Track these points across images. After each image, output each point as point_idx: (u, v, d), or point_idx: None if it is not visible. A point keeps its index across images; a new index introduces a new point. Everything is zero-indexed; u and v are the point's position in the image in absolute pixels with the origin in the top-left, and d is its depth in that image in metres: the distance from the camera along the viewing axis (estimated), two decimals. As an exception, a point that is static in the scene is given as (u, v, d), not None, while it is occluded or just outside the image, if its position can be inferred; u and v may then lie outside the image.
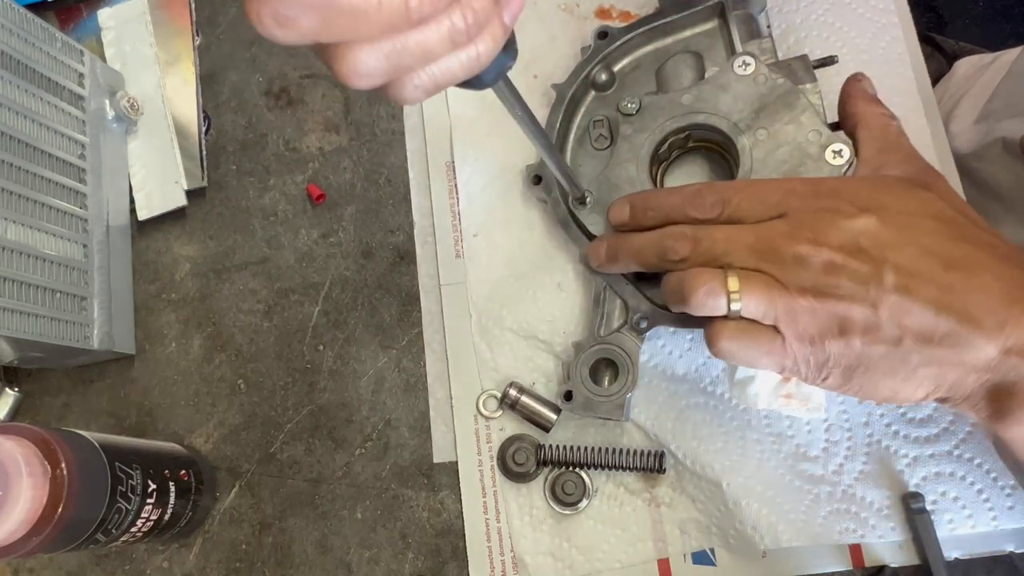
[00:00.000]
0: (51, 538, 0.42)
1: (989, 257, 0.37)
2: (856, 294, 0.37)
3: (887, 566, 0.49)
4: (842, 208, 0.38)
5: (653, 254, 0.43)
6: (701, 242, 0.41)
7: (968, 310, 0.35)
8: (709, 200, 0.42)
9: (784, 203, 0.40)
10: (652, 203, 0.45)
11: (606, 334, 0.50)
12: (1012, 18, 1.39)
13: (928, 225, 0.38)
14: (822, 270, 0.37)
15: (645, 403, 0.52)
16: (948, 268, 0.36)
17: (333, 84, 0.65)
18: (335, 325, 0.60)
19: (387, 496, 0.56)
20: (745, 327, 0.40)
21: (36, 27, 0.57)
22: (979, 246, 0.37)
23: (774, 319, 0.39)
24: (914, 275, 0.36)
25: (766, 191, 0.41)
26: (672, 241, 0.42)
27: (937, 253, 0.37)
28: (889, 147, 0.43)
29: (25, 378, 0.62)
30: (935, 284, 0.36)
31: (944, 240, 0.37)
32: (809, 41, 0.57)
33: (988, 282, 0.36)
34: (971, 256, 0.37)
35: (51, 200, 0.55)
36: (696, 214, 0.42)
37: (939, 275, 0.36)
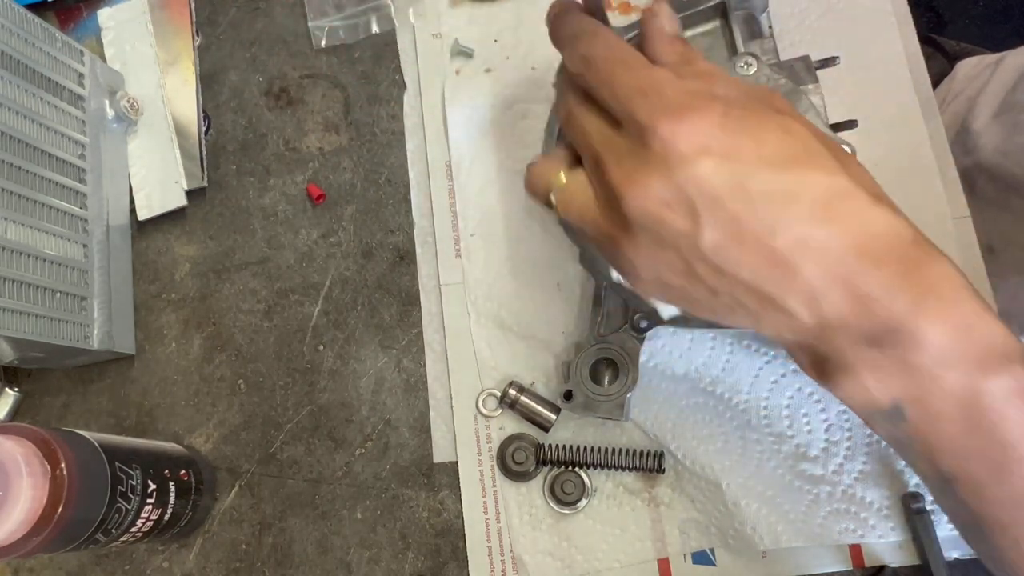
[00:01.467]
0: (51, 538, 0.42)
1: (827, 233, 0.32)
2: (670, 245, 0.34)
3: (887, 566, 0.49)
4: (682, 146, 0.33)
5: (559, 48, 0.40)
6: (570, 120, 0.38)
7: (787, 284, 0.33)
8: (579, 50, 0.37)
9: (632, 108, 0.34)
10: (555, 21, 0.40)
11: (606, 333, 0.50)
12: (1012, 18, 1.39)
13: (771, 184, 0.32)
14: (638, 216, 0.34)
15: (645, 403, 0.53)
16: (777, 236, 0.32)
17: (333, 84, 0.65)
18: (335, 325, 0.60)
19: (387, 496, 0.56)
20: None
21: (36, 27, 0.57)
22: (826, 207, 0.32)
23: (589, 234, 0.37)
24: (736, 242, 0.33)
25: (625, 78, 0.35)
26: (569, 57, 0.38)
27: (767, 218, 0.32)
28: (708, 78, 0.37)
29: (25, 378, 0.62)
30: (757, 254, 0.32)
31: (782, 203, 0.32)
32: (805, 44, 0.57)
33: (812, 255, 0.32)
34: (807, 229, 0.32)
35: (51, 200, 0.55)
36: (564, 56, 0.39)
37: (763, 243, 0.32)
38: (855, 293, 0.32)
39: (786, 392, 0.52)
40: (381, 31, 0.65)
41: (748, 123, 0.33)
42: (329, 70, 0.65)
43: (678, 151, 0.32)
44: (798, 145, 0.33)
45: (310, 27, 0.66)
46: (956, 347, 0.32)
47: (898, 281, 0.32)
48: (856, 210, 0.32)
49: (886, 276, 0.32)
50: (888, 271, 0.32)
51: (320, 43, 0.66)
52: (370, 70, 0.65)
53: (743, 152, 0.32)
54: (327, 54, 0.66)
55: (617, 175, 0.35)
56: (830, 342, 0.34)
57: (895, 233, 0.33)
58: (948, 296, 0.32)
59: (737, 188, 0.32)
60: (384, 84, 0.64)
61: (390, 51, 0.65)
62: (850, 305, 0.32)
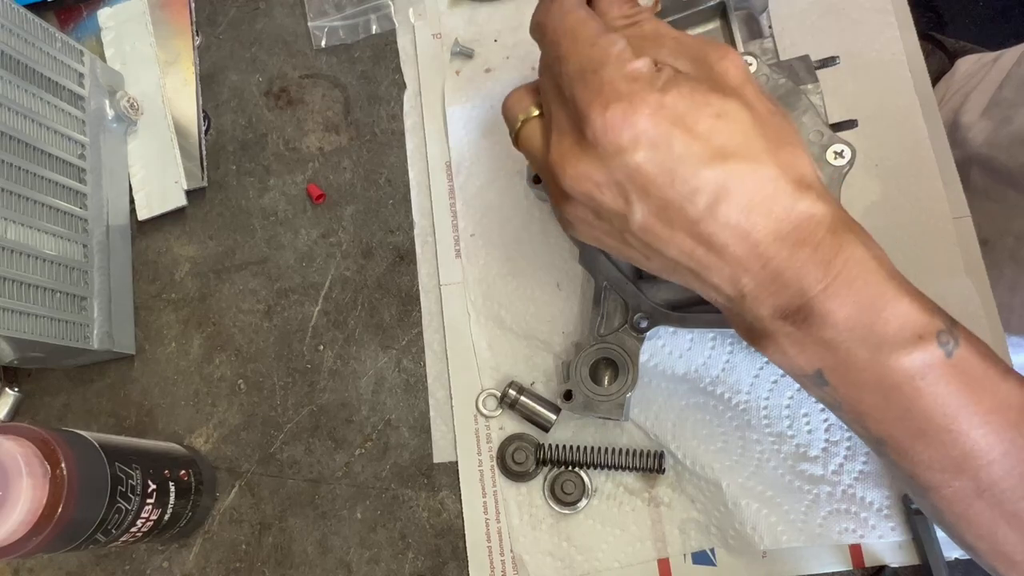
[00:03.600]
0: (51, 538, 0.42)
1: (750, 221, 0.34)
2: (605, 218, 0.36)
3: (887, 566, 0.49)
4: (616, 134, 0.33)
5: None
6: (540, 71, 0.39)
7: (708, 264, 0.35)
8: (536, 17, 0.38)
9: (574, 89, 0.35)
10: None
11: (606, 333, 0.50)
12: (1012, 18, 1.39)
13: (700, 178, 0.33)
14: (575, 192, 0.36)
15: (645, 403, 0.53)
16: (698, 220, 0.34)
17: (333, 84, 0.65)
18: (335, 325, 0.60)
19: (387, 496, 0.56)
20: None
21: (36, 27, 0.57)
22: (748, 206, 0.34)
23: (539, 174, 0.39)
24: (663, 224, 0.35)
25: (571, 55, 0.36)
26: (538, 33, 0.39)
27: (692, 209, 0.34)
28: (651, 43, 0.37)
29: (25, 378, 0.62)
30: (680, 237, 0.35)
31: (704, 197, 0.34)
32: (805, 44, 0.57)
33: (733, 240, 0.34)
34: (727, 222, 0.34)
35: (51, 200, 0.55)
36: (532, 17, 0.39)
37: (687, 228, 0.34)
38: (772, 274, 0.34)
39: (786, 392, 0.52)
40: (381, 31, 0.65)
41: (683, 112, 0.34)
42: (329, 70, 0.65)
43: (610, 140, 0.34)
44: (729, 133, 0.34)
45: (310, 27, 0.66)
46: (863, 325, 0.34)
47: (810, 265, 0.34)
48: (778, 199, 0.34)
49: (799, 259, 0.34)
50: (802, 255, 0.34)
51: (320, 43, 0.66)
52: (370, 70, 0.65)
53: (673, 143, 0.33)
54: (327, 54, 0.66)
55: (556, 151, 0.36)
56: (752, 313, 0.36)
57: (813, 220, 0.34)
58: (856, 277, 0.34)
59: (665, 178, 0.34)
60: (384, 84, 0.64)
61: (390, 51, 0.65)
62: (766, 284, 0.35)
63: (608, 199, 0.35)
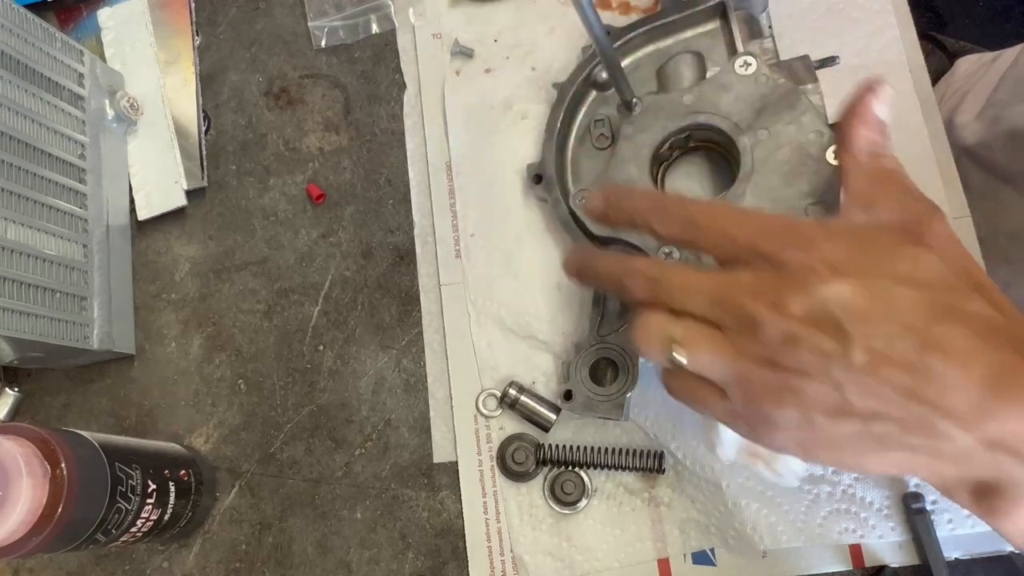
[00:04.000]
0: (51, 538, 0.42)
1: (975, 336, 0.32)
2: (817, 371, 0.33)
3: (887, 566, 0.49)
4: (816, 268, 0.33)
5: (614, 286, 0.40)
6: (659, 284, 0.37)
7: (941, 399, 0.31)
8: (677, 217, 0.38)
9: (754, 246, 0.35)
10: (624, 202, 0.41)
11: (606, 333, 0.50)
12: (1012, 18, 1.39)
13: (911, 296, 0.33)
14: (780, 339, 0.33)
15: (645, 403, 0.52)
16: (925, 349, 0.31)
17: (333, 84, 0.65)
18: (335, 325, 0.60)
19: (387, 496, 0.56)
20: (691, 380, 0.37)
21: (36, 27, 0.57)
22: (966, 322, 0.32)
23: (721, 381, 0.36)
24: (885, 356, 0.32)
25: (738, 227, 0.36)
26: (629, 279, 0.38)
27: (916, 331, 0.32)
28: (881, 179, 0.39)
29: (25, 378, 0.62)
30: (907, 368, 0.31)
31: (926, 316, 0.32)
32: (805, 43, 0.57)
33: (969, 367, 0.31)
34: (954, 336, 0.32)
35: (51, 200, 0.55)
36: (658, 228, 0.39)
37: (913, 357, 0.31)
38: None
39: (786, 392, 0.51)
40: (381, 31, 0.65)
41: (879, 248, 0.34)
42: (329, 70, 0.65)
43: (816, 272, 0.33)
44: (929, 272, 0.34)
45: (310, 27, 0.66)
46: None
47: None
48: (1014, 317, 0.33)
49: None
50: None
51: (320, 43, 0.66)
52: (370, 70, 0.65)
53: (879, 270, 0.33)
54: (327, 54, 0.66)
55: (752, 306, 0.34)
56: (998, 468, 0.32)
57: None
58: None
59: (880, 303, 0.32)
60: (384, 84, 0.64)
61: (390, 51, 0.65)
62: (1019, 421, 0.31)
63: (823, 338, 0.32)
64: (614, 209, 0.41)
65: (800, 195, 0.46)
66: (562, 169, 0.56)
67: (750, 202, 0.47)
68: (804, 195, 0.46)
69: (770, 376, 0.34)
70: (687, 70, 0.52)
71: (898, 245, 0.35)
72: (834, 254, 0.34)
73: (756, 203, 0.47)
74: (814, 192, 0.46)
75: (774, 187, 0.47)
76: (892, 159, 0.40)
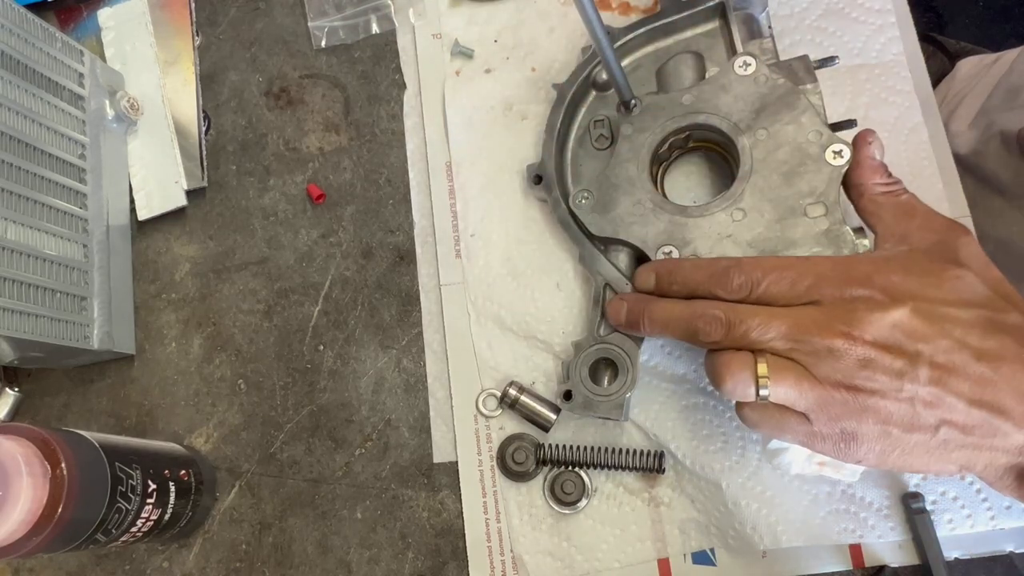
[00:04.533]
0: (51, 538, 0.42)
1: (1017, 345, 0.38)
2: (891, 388, 0.37)
3: (887, 566, 0.49)
4: (875, 297, 0.39)
5: (682, 331, 0.43)
6: (734, 327, 0.40)
7: (998, 401, 0.37)
8: (736, 281, 0.41)
9: (815, 290, 0.40)
10: (678, 276, 0.45)
11: (605, 334, 0.50)
12: (1012, 18, 1.39)
13: (959, 316, 0.38)
14: (856, 364, 0.38)
15: (645, 403, 0.53)
16: (979, 359, 0.37)
17: (333, 84, 0.65)
18: (335, 325, 0.60)
19: (387, 496, 0.56)
20: (774, 410, 0.41)
21: (36, 27, 0.57)
22: (1009, 332, 0.38)
23: (804, 408, 0.39)
24: (947, 369, 0.37)
25: (796, 276, 0.40)
26: (704, 323, 0.41)
27: (968, 344, 0.37)
28: (905, 213, 0.43)
29: (25, 378, 0.62)
30: (968, 377, 0.37)
31: (975, 330, 0.38)
32: (804, 44, 0.57)
33: (1017, 372, 0.37)
34: (1001, 346, 0.37)
35: (51, 200, 0.55)
36: (723, 294, 0.42)
37: (971, 367, 0.37)
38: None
39: (786, 392, 0.52)
40: (381, 31, 0.65)
41: (926, 273, 0.39)
42: (329, 70, 0.65)
43: (876, 303, 0.38)
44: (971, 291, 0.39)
45: (310, 27, 0.66)
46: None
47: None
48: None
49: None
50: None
51: (320, 43, 0.66)
52: (370, 70, 0.65)
53: (929, 295, 0.38)
54: (327, 54, 0.66)
55: (826, 336, 0.38)
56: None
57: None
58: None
59: (935, 324, 0.38)
60: (384, 84, 0.64)
61: (390, 51, 0.65)
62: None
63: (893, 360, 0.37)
64: (666, 283, 0.45)
65: (799, 195, 0.46)
66: (562, 169, 0.56)
67: (749, 202, 0.47)
68: (803, 195, 0.46)
69: (849, 398, 0.38)
70: (687, 70, 0.52)
71: (940, 268, 0.40)
72: (888, 284, 0.39)
73: (755, 203, 0.47)
74: (813, 192, 0.46)
75: (773, 187, 0.47)
76: (904, 191, 0.44)
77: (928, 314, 0.38)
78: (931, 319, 0.38)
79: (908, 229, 0.42)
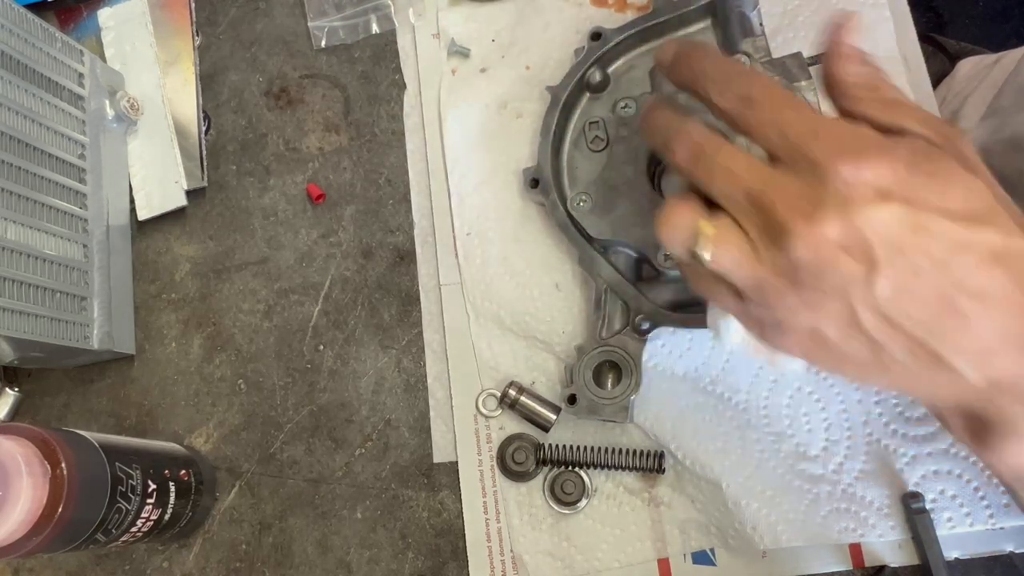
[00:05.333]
0: (51, 538, 0.42)
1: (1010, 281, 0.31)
2: (837, 292, 0.32)
3: (887, 566, 0.49)
4: (861, 188, 0.31)
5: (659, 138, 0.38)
6: (702, 156, 0.35)
7: (961, 340, 0.31)
8: (738, 89, 0.35)
9: (804, 145, 0.33)
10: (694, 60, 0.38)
11: (608, 336, 0.50)
12: (1012, 18, 1.39)
13: (952, 233, 0.31)
14: (806, 261, 0.32)
15: (645, 403, 0.52)
16: (955, 288, 0.31)
17: (333, 84, 0.65)
18: (335, 325, 0.60)
19: (387, 496, 0.56)
20: (711, 279, 0.36)
21: (36, 27, 0.57)
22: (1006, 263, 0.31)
23: (740, 285, 0.35)
24: (910, 292, 0.31)
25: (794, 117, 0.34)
26: (677, 138, 0.36)
27: (950, 271, 0.31)
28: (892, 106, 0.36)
29: (25, 378, 0.62)
30: (931, 306, 0.31)
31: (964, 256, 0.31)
32: (797, 41, 0.57)
33: (992, 312, 0.31)
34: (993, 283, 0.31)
35: (51, 200, 0.55)
36: (716, 96, 0.36)
37: (940, 294, 0.31)
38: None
39: (786, 391, 0.52)
40: (381, 31, 0.65)
41: (933, 172, 0.32)
42: (329, 70, 0.65)
43: (860, 192, 0.31)
44: (980, 203, 0.32)
45: (310, 27, 0.66)
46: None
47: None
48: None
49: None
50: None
51: (320, 43, 0.66)
52: (370, 70, 0.65)
53: (928, 201, 0.31)
54: (327, 54, 0.66)
55: (785, 215, 0.32)
56: (996, 404, 0.33)
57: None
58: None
59: (920, 236, 0.31)
60: (384, 84, 0.64)
61: (390, 51, 0.65)
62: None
63: (850, 262, 0.31)
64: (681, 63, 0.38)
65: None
66: (558, 172, 0.56)
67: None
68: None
69: (788, 290, 0.33)
70: (685, 70, 0.52)
71: (948, 171, 0.32)
72: (884, 174, 0.31)
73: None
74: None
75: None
76: (891, 87, 0.37)
77: (916, 224, 0.31)
78: (918, 230, 0.31)
79: (903, 122, 0.35)
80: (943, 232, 0.31)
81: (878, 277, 0.31)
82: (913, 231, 0.31)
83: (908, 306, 0.31)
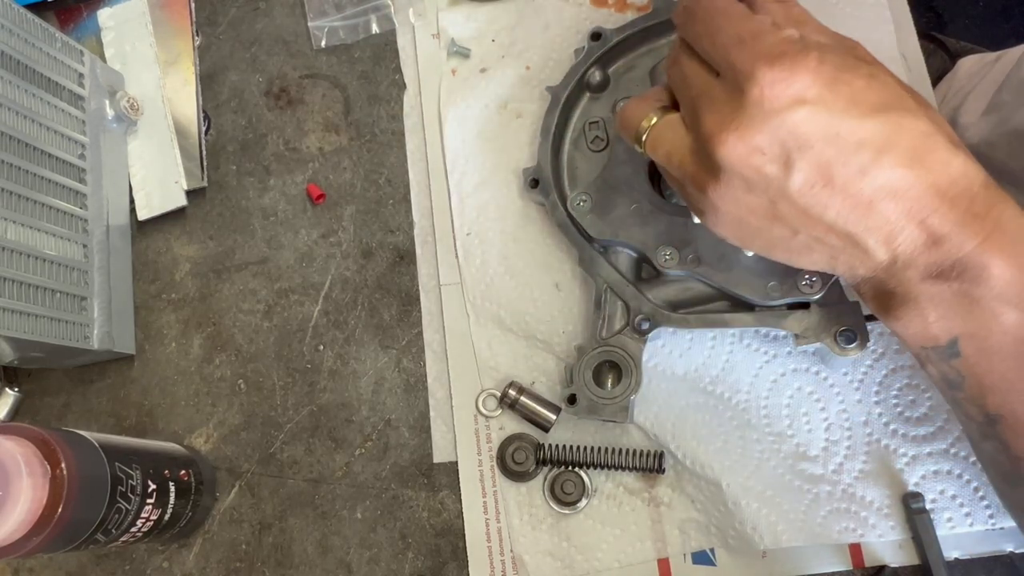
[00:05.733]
0: (51, 538, 0.42)
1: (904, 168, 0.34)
2: (757, 188, 0.36)
3: (887, 566, 0.49)
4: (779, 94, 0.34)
5: None
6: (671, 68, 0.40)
7: (868, 221, 0.35)
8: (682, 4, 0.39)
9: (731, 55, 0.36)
10: None
11: (608, 336, 0.51)
12: (1012, 18, 1.39)
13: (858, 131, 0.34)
14: (731, 161, 0.35)
15: (645, 403, 0.53)
16: (860, 177, 0.34)
17: (333, 84, 0.65)
18: (335, 325, 0.60)
19: (387, 496, 0.56)
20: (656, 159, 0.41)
21: (36, 27, 0.57)
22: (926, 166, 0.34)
23: (674, 174, 0.40)
24: (822, 186, 0.35)
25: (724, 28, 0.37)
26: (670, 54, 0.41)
27: (852, 162, 0.34)
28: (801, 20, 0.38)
29: (25, 378, 0.62)
30: (840, 196, 0.35)
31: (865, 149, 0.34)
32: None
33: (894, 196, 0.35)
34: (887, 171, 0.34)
35: (51, 200, 0.55)
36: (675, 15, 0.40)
37: (847, 185, 0.35)
38: (929, 231, 0.35)
39: (786, 391, 0.52)
40: (381, 31, 0.65)
41: (839, 71, 0.34)
42: (329, 70, 0.65)
43: (774, 98, 0.34)
44: (885, 91, 0.35)
45: (310, 27, 0.66)
46: (1018, 284, 0.35)
47: (969, 219, 0.34)
48: (936, 153, 0.35)
49: (959, 215, 0.34)
50: (960, 210, 0.34)
51: (320, 43, 0.66)
52: (370, 70, 0.65)
53: (836, 99, 0.34)
54: (327, 54, 0.66)
55: (712, 120, 0.36)
56: (899, 277, 0.37)
57: (969, 176, 0.35)
58: (1014, 235, 0.35)
59: (830, 134, 0.34)
60: (384, 84, 0.64)
61: (390, 51, 0.65)
62: (923, 242, 0.35)
63: (767, 163, 0.35)
64: None
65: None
66: (558, 173, 0.56)
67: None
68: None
69: (713, 185, 0.37)
70: (686, 70, 0.52)
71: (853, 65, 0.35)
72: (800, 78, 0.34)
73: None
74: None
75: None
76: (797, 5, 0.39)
77: (826, 125, 0.34)
78: (828, 130, 0.34)
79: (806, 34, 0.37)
80: (850, 129, 0.34)
81: (792, 175, 0.35)
82: (824, 131, 0.34)
83: (821, 198, 0.35)
